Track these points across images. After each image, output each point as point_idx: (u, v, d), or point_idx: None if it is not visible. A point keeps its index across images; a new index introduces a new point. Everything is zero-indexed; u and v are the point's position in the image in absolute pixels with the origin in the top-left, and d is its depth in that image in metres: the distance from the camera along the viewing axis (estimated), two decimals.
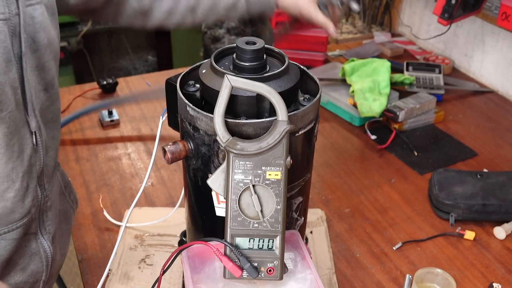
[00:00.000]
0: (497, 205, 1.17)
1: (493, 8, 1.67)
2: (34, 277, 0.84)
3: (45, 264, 0.85)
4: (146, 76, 1.81)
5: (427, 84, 1.70)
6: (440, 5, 1.52)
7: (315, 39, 1.81)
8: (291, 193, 0.82)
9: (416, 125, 1.54)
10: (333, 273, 1.06)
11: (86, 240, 1.13)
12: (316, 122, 0.81)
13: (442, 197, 1.20)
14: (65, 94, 1.67)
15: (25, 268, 0.82)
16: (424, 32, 2.04)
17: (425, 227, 1.19)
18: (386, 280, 1.06)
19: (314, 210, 1.22)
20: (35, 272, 0.84)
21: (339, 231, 1.18)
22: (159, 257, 1.09)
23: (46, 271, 0.86)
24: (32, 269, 0.83)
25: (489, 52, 1.78)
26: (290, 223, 0.86)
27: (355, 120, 1.55)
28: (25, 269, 0.82)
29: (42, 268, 0.85)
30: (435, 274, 1.01)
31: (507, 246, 1.15)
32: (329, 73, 1.72)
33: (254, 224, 0.70)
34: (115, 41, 3.27)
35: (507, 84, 1.74)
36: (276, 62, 0.81)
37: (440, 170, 1.29)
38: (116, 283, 1.02)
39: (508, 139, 1.52)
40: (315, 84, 0.82)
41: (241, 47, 0.75)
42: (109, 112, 1.53)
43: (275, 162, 0.68)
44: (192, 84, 0.82)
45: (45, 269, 0.85)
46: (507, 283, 1.06)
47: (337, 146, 1.47)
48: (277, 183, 0.69)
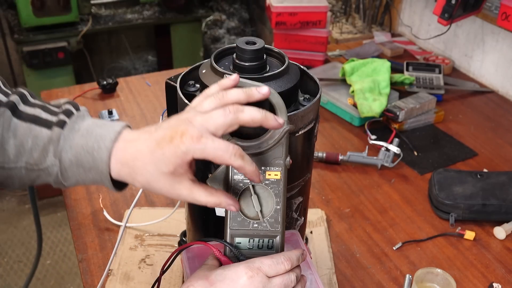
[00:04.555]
0: (497, 205, 1.17)
1: (493, 8, 1.67)
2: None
3: None
4: (146, 76, 1.81)
5: (427, 84, 1.70)
6: (440, 5, 1.52)
7: (315, 39, 1.81)
8: (291, 193, 0.82)
9: (416, 125, 1.54)
10: (333, 273, 1.06)
11: (86, 240, 1.13)
12: (316, 122, 0.81)
13: (442, 197, 1.20)
14: (65, 94, 1.67)
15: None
16: (424, 32, 2.03)
17: (425, 227, 1.19)
18: (386, 280, 1.06)
19: (314, 210, 1.22)
20: None
21: (339, 231, 1.18)
22: (159, 257, 1.09)
23: None
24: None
25: (489, 52, 1.78)
26: (290, 223, 0.86)
27: (355, 120, 1.55)
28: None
29: None
30: (435, 274, 1.01)
31: (507, 246, 1.15)
32: (329, 73, 1.72)
33: (254, 224, 0.70)
34: (115, 41, 3.27)
35: (507, 84, 1.74)
36: (276, 62, 0.81)
37: (440, 170, 1.29)
38: (116, 283, 1.02)
39: (508, 139, 1.51)
40: (315, 84, 0.82)
41: (241, 47, 0.75)
42: (109, 112, 1.53)
43: (275, 162, 0.68)
44: (192, 84, 0.82)
45: None
46: (507, 283, 1.06)
47: (337, 146, 1.47)
48: (277, 183, 0.69)
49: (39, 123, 0.67)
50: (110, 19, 2.97)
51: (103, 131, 0.66)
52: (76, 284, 2.42)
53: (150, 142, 0.63)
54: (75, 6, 2.71)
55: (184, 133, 0.61)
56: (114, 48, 3.30)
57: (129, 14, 3.05)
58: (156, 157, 0.62)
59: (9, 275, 2.44)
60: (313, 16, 1.76)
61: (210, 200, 0.65)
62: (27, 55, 2.67)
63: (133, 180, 0.65)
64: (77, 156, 0.65)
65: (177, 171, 0.62)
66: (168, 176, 0.63)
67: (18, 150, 0.67)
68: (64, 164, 0.66)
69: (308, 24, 1.78)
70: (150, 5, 3.13)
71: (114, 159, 0.64)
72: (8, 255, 2.54)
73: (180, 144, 0.61)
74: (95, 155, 0.64)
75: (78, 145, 0.65)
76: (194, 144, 0.60)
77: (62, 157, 0.66)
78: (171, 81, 0.82)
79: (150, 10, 3.10)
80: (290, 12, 1.75)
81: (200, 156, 0.61)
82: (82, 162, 0.65)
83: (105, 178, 0.66)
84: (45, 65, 2.73)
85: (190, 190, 0.64)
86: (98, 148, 0.64)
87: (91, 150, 0.65)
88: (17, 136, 0.67)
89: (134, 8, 3.12)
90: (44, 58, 2.70)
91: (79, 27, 2.81)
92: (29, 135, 0.67)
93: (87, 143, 0.65)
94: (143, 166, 0.63)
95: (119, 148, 0.65)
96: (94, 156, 0.65)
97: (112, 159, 0.64)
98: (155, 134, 0.63)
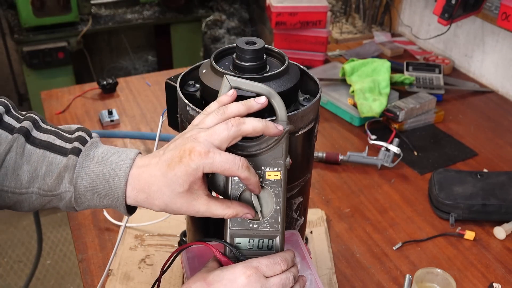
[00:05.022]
0: (497, 205, 1.17)
1: (493, 8, 1.67)
2: None
3: None
4: (146, 76, 1.81)
5: (427, 84, 1.70)
6: (440, 5, 1.52)
7: (315, 39, 1.81)
8: (291, 193, 0.82)
9: (416, 125, 1.54)
10: (333, 273, 1.06)
11: (86, 240, 1.13)
12: (316, 122, 0.81)
13: (442, 197, 1.20)
14: (65, 94, 1.67)
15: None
16: (424, 32, 2.03)
17: (425, 227, 1.19)
18: (386, 280, 1.06)
19: (314, 210, 1.22)
20: None
21: (339, 231, 1.18)
22: (159, 257, 1.09)
23: None
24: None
25: (489, 52, 1.78)
26: (290, 223, 0.86)
27: (355, 120, 1.55)
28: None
29: None
30: (435, 274, 1.01)
31: (507, 246, 1.15)
32: (329, 73, 1.72)
33: (254, 224, 0.70)
34: (115, 41, 3.27)
35: (507, 84, 1.74)
36: (276, 62, 0.81)
37: (440, 170, 1.29)
38: (116, 283, 1.02)
39: (508, 139, 1.51)
40: (315, 84, 0.82)
41: (241, 47, 0.75)
42: (109, 112, 1.53)
43: (275, 162, 0.68)
44: (192, 84, 0.82)
45: None
46: (507, 283, 1.06)
47: (337, 146, 1.47)
48: (277, 183, 0.69)
49: (53, 149, 0.69)
50: (110, 19, 2.97)
51: (118, 159, 0.68)
52: (76, 284, 2.42)
53: (161, 166, 0.65)
54: (75, 6, 2.71)
55: (191, 150, 0.63)
56: (114, 48, 3.30)
57: (129, 14, 3.05)
58: (169, 179, 0.64)
59: (9, 275, 2.44)
60: (313, 16, 1.76)
61: (227, 213, 0.67)
62: (27, 55, 2.67)
63: (151, 205, 0.67)
64: (93, 183, 0.67)
65: (192, 188, 0.65)
66: (184, 195, 0.65)
67: (31, 176, 0.68)
68: (79, 190, 0.68)
69: (308, 24, 1.78)
70: (150, 5, 3.13)
71: (130, 186, 0.67)
72: (8, 255, 2.54)
73: (190, 162, 0.63)
74: (111, 183, 0.67)
75: (93, 173, 0.67)
76: (203, 160, 0.62)
77: (77, 184, 0.67)
78: (171, 81, 0.82)
79: (150, 10, 3.10)
80: (290, 12, 1.75)
81: (209, 170, 0.63)
82: (98, 189, 0.67)
83: (120, 205, 0.68)
84: (45, 65, 2.73)
85: (207, 206, 0.66)
86: (114, 176, 0.67)
87: (107, 177, 0.67)
88: (31, 162, 0.68)
89: (134, 8, 3.12)
90: (44, 58, 2.71)
91: (79, 27, 2.81)
92: (43, 161, 0.68)
93: (103, 171, 0.67)
94: (159, 190, 0.65)
95: (133, 175, 0.67)
96: (110, 184, 0.67)
97: (128, 186, 0.67)
98: (164, 157, 0.65)
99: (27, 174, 0.68)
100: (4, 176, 0.67)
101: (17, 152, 0.67)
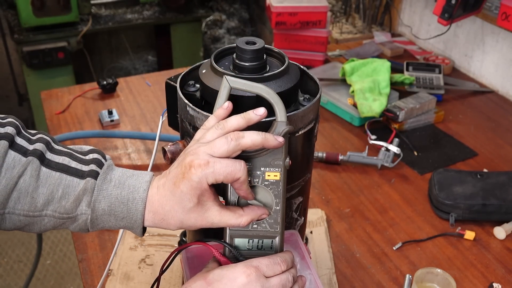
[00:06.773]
0: (497, 205, 1.17)
1: (493, 8, 1.67)
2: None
3: None
4: (146, 76, 1.81)
5: (427, 84, 1.70)
6: (440, 5, 1.52)
7: (315, 39, 1.81)
8: (291, 193, 0.82)
9: (416, 125, 1.54)
10: (333, 273, 1.06)
11: (86, 240, 1.13)
12: (316, 122, 0.81)
13: (442, 197, 1.20)
14: (65, 94, 1.67)
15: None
16: (424, 32, 2.03)
17: (425, 227, 1.19)
18: (386, 280, 1.06)
19: (314, 210, 1.22)
20: None
21: (339, 231, 1.18)
22: (159, 257, 1.09)
23: None
24: None
25: (489, 52, 1.78)
26: (290, 223, 0.86)
27: (355, 120, 1.55)
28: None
29: None
30: (435, 274, 1.01)
31: (507, 246, 1.15)
32: (329, 73, 1.72)
33: (253, 225, 0.70)
34: (115, 41, 3.27)
35: (507, 84, 1.74)
36: (276, 62, 0.81)
37: (440, 170, 1.29)
38: (116, 283, 1.02)
39: (508, 139, 1.51)
40: (315, 84, 0.82)
41: (241, 47, 0.75)
42: (109, 112, 1.53)
43: (274, 163, 0.68)
44: (192, 84, 0.82)
45: None
46: (507, 283, 1.06)
47: (337, 146, 1.46)
48: (276, 184, 0.69)
49: (69, 172, 0.69)
50: (110, 19, 2.97)
51: (135, 182, 0.68)
52: (76, 284, 2.42)
53: (169, 185, 0.66)
54: (75, 6, 2.71)
55: (191, 164, 0.64)
56: (114, 48, 3.30)
57: (129, 14, 3.05)
58: (178, 196, 0.65)
59: (9, 275, 2.44)
60: (313, 16, 1.76)
61: (241, 221, 0.67)
62: (27, 55, 2.67)
63: (168, 225, 0.68)
64: (111, 206, 0.68)
65: (201, 200, 0.66)
66: (195, 209, 0.66)
67: (46, 199, 0.68)
68: (97, 213, 0.68)
69: (308, 24, 1.78)
70: (150, 5, 3.13)
71: (146, 209, 0.68)
72: (8, 255, 2.54)
73: (192, 176, 0.64)
74: (129, 206, 0.68)
75: (112, 196, 0.68)
76: (204, 171, 0.63)
77: (95, 207, 0.68)
78: (171, 81, 0.82)
79: (150, 10, 3.10)
80: (290, 12, 1.75)
81: (213, 179, 0.64)
82: (116, 211, 0.68)
83: (137, 227, 0.69)
84: (45, 65, 2.73)
85: (220, 216, 0.67)
86: (133, 199, 0.68)
87: (125, 200, 0.68)
88: (47, 185, 0.68)
89: (134, 8, 3.12)
90: (44, 58, 2.71)
91: (79, 27, 2.81)
92: (59, 184, 0.68)
93: (121, 194, 0.68)
94: (172, 210, 0.66)
95: (148, 198, 0.68)
96: (129, 207, 0.68)
97: (145, 209, 0.68)
98: (169, 176, 0.67)
99: (42, 197, 0.67)
100: (16, 199, 0.67)
101: (31, 175, 0.67)
